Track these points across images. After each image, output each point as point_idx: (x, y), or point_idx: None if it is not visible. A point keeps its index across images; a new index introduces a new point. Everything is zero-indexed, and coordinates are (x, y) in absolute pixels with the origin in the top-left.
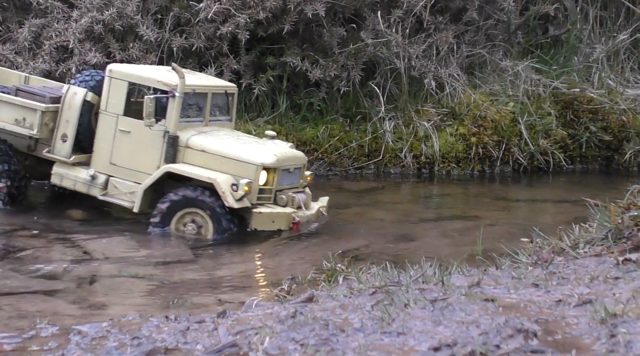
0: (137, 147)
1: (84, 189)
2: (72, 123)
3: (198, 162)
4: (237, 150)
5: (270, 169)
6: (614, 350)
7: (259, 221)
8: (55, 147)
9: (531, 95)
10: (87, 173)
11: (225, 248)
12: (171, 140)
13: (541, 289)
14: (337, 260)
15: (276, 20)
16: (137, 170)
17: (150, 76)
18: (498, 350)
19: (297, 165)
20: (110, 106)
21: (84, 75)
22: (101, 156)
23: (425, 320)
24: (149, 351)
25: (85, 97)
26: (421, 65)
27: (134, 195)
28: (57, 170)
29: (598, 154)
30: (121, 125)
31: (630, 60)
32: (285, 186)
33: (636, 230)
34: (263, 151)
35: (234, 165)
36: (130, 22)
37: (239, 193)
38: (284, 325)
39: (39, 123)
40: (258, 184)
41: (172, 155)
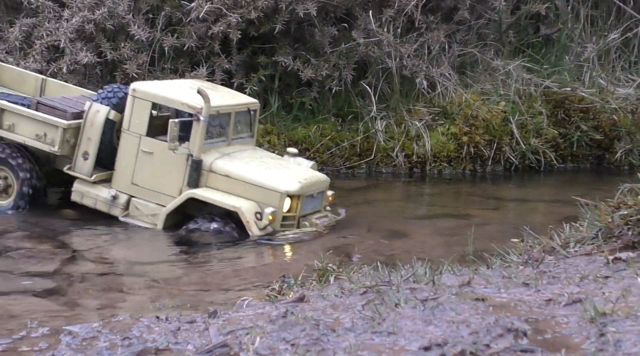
0: (159, 169)
1: (104, 208)
2: (94, 141)
3: (221, 187)
4: (261, 176)
5: (295, 196)
6: (603, 349)
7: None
8: (77, 164)
9: (522, 94)
10: (108, 193)
11: (217, 248)
12: (195, 164)
13: (531, 288)
14: (328, 259)
15: (268, 20)
16: (160, 191)
17: (175, 98)
18: (488, 350)
19: (321, 189)
20: (133, 126)
21: (106, 91)
22: (123, 175)
23: (415, 319)
24: (140, 352)
25: (108, 115)
26: (413, 65)
27: (155, 217)
28: (77, 188)
29: (589, 153)
30: (144, 145)
31: (621, 60)
32: (308, 211)
33: (626, 229)
34: (287, 177)
35: (258, 191)
36: (121, 21)
37: (263, 222)
38: (275, 325)
39: (60, 140)
40: (282, 212)
41: (195, 180)
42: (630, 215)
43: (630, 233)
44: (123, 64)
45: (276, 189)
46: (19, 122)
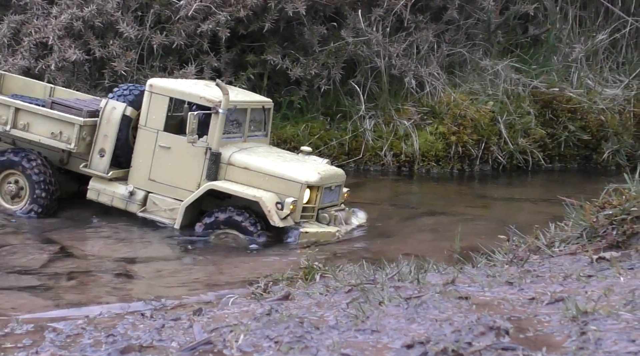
0: (177, 164)
1: (121, 205)
2: (111, 138)
3: (240, 180)
4: (281, 167)
5: (314, 187)
6: (584, 347)
7: (306, 240)
8: (93, 162)
9: (511, 94)
10: (125, 189)
11: (205, 246)
12: (213, 157)
13: (515, 287)
14: (314, 258)
15: (257, 18)
16: (177, 186)
17: (193, 92)
18: (470, 347)
19: (338, 182)
20: (150, 121)
21: (122, 89)
22: (140, 172)
23: (399, 317)
24: (124, 349)
25: (125, 111)
26: (401, 64)
27: (173, 212)
28: (93, 186)
29: (576, 153)
30: (161, 140)
31: (609, 60)
32: (327, 204)
33: (611, 228)
34: (306, 169)
35: (278, 183)
36: (110, 19)
37: (284, 212)
38: (259, 323)
39: (76, 138)
40: (302, 202)
41: (214, 172)
42: (615, 215)
43: (614, 233)
44: (112, 61)
45: (296, 180)
46: (34, 121)
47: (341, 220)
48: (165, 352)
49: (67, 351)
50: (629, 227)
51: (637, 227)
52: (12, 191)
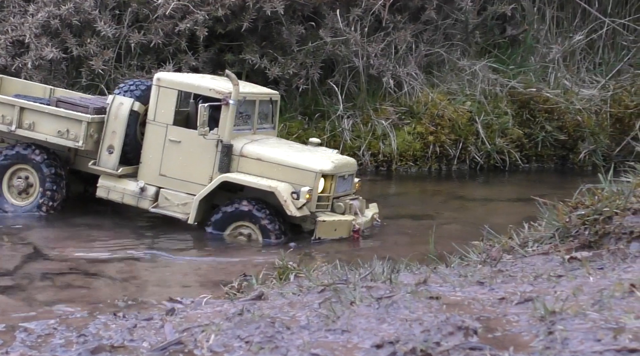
0: (188, 157)
1: (132, 202)
2: (119, 134)
3: (253, 171)
4: (294, 157)
5: (328, 176)
6: (551, 347)
7: (323, 229)
8: (101, 159)
9: (488, 94)
10: (136, 186)
11: (180, 246)
12: (225, 149)
13: (486, 287)
14: (289, 258)
15: (235, 18)
16: (189, 180)
17: (202, 84)
18: (438, 347)
19: (351, 171)
20: (159, 116)
21: (128, 84)
22: (150, 167)
23: (370, 317)
24: (94, 349)
25: (132, 107)
26: (380, 64)
27: (187, 206)
28: (103, 183)
29: (553, 153)
30: (171, 135)
31: (585, 61)
32: (341, 193)
33: (583, 229)
34: (319, 158)
35: (292, 172)
36: (87, 17)
37: (300, 201)
38: (231, 323)
39: (84, 135)
40: (317, 192)
41: (227, 164)
42: (587, 215)
43: (587, 233)
44: (89, 60)
45: (311, 169)
46: (40, 120)
47: (356, 210)
48: (136, 352)
49: (38, 352)
50: (601, 227)
51: (609, 227)
52: (20, 186)
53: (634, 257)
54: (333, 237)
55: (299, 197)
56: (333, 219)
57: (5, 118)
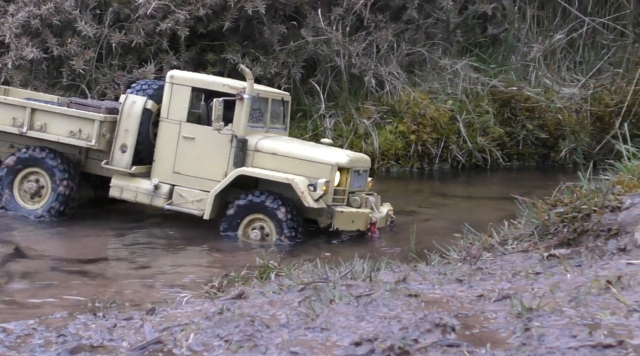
0: (202, 154)
1: (146, 200)
2: (132, 132)
3: (268, 165)
4: (309, 151)
5: (344, 170)
6: (527, 343)
7: (341, 220)
8: (114, 158)
9: (470, 93)
10: (150, 184)
11: (161, 246)
12: (240, 144)
13: (465, 284)
14: (270, 257)
15: (216, 17)
16: (204, 177)
17: (216, 80)
18: (416, 344)
19: (365, 167)
20: (172, 113)
21: (140, 84)
22: (163, 165)
23: (349, 315)
24: (73, 349)
25: (145, 105)
26: (361, 63)
27: (201, 202)
28: (116, 183)
29: (534, 152)
30: (185, 131)
31: (566, 60)
32: (356, 188)
33: (562, 226)
34: (335, 152)
35: (307, 166)
36: (68, 17)
37: (318, 193)
38: (210, 322)
39: (96, 134)
40: (334, 184)
41: (242, 159)
42: (566, 212)
43: (565, 231)
44: (70, 59)
45: (326, 162)
46: (51, 121)
47: (372, 205)
48: (115, 352)
49: (17, 352)
50: (580, 225)
51: (587, 224)
52: (32, 189)
53: (611, 254)
54: (350, 229)
55: (316, 188)
56: (351, 210)
57: (17, 121)
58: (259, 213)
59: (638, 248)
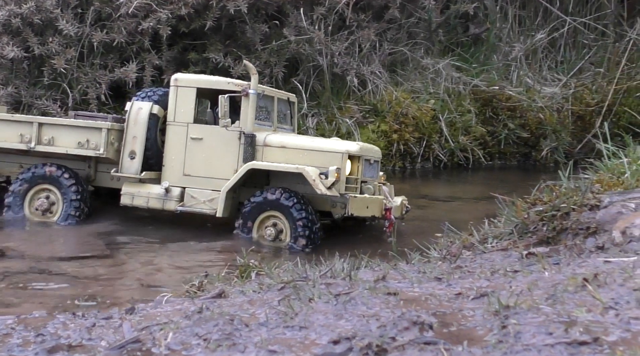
0: (211, 153)
1: (158, 205)
2: (140, 138)
3: (278, 159)
4: (319, 142)
5: (355, 158)
6: (504, 341)
7: (355, 205)
8: (124, 165)
9: (451, 92)
10: (160, 188)
11: (143, 245)
12: (249, 139)
13: (444, 283)
14: (251, 256)
15: (198, 16)
16: (214, 176)
17: (220, 79)
18: (394, 342)
19: (376, 157)
20: (178, 115)
21: (145, 91)
22: (173, 169)
23: (327, 314)
24: (52, 348)
25: (152, 110)
26: (344, 63)
27: (213, 202)
28: (127, 190)
29: (516, 151)
30: (192, 132)
31: (547, 59)
32: (368, 178)
33: (541, 224)
34: (344, 142)
35: (317, 156)
36: (49, 16)
37: (329, 180)
38: (190, 321)
39: (104, 143)
40: (345, 172)
41: (251, 155)
42: (545, 211)
43: (545, 229)
44: (51, 59)
45: (336, 150)
46: (59, 134)
47: (386, 194)
48: (93, 351)
49: None
50: (559, 223)
51: (566, 222)
52: (43, 205)
53: (590, 252)
54: (365, 214)
55: (328, 176)
56: (364, 196)
57: (24, 137)
58: (274, 211)
59: (616, 246)
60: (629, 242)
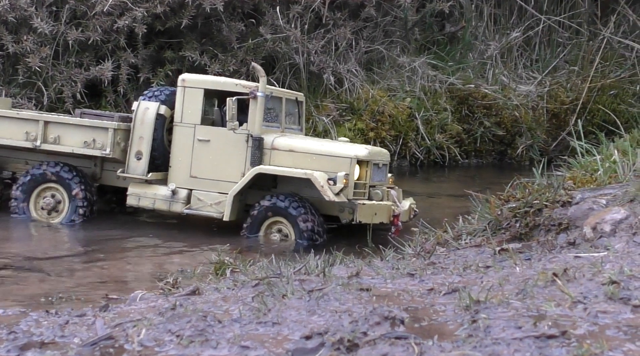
0: (218, 156)
1: (164, 206)
2: (147, 139)
3: (286, 163)
4: (327, 146)
5: (363, 163)
6: (474, 335)
7: (363, 213)
8: (130, 166)
9: (428, 90)
10: (167, 190)
11: (118, 243)
12: (256, 142)
13: (416, 279)
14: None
15: (174, 14)
16: (221, 179)
17: (227, 81)
18: (365, 337)
19: (384, 161)
20: (186, 116)
21: (152, 91)
22: (180, 170)
23: (300, 309)
24: (24, 345)
25: (158, 110)
26: (320, 61)
27: (220, 205)
28: (133, 191)
29: (492, 148)
30: (199, 134)
31: (522, 57)
32: (376, 182)
33: (514, 221)
34: (353, 146)
35: (326, 161)
36: (23, 13)
37: (338, 186)
38: (163, 317)
39: (111, 142)
40: (354, 178)
41: (259, 158)
42: (518, 207)
43: (517, 225)
44: (26, 57)
45: (345, 155)
46: (65, 133)
47: (394, 198)
48: (66, 348)
49: None
50: (531, 220)
51: (538, 219)
52: (49, 204)
53: (561, 248)
54: (373, 221)
55: (336, 182)
56: (372, 203)
57: (30, 135)
58: (280, 217)
59: (587, 241)
60: (600, 237)
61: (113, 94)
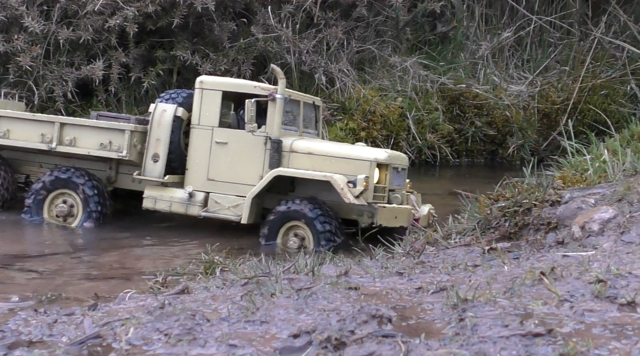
0: (236, 158)
1: (181, 209)
2: (164, 141)
3: (305, 165)
4: (346, 149)
5: (383, 166)
6: (461, 333)
7: (384, 216)
8: (147, 168)
9: (419, 90)
10: (184, 192)
11: (108, 242)
12: (275, 145)
13: (405, 277)
14: (216, 252)
15: (165, 14)
16: (239, 182)
17: (246, 83)
18: (352, 335)
19: (403, 165)
20: (203, 119)
21: (169, 93)
22: (197, 173)
23: (289, 308)
24: (11, 344)
25: (176, 113)
26: (312, 61)
27: (237, 208)
28: (149, 193)
29: (483, 148)
30: (217, 136)
31: (514, 57)
32: (395, 186)
33: (503, 220)
34: (372, 149)
35: (345, 163)
36: (14, 13)
37: (358, 189)
38: (151, 316)
39: (127, 145)
40: (373, 181)
41: (277, 161)
42: (508, 207)
43: (507, 224)
44: (16, 56)
45: (365, 158)
46: (81, 135)
47: (413, 203)
48: (54, 347)
49: None
50: (521, 219)
51: (528, 218)
52: (64, 211)
53: (550, 247)
54: (393, 225)
55: (356, 184)
56: (393, 206)
57: (45, 137)
58: (297, 220)
59: (575, 240)
60: (588, 236)
61: (104, 93)
